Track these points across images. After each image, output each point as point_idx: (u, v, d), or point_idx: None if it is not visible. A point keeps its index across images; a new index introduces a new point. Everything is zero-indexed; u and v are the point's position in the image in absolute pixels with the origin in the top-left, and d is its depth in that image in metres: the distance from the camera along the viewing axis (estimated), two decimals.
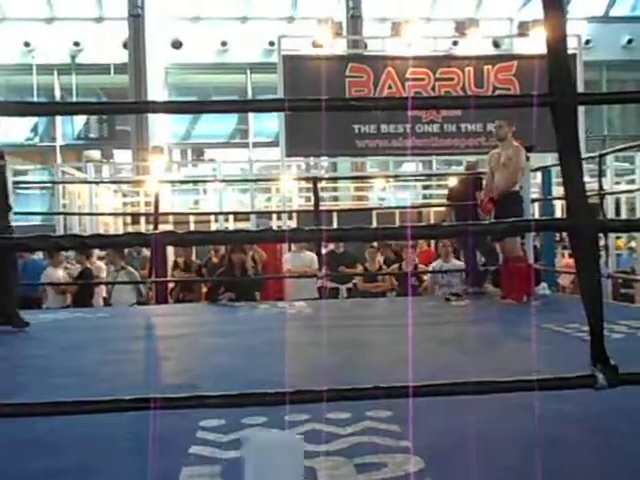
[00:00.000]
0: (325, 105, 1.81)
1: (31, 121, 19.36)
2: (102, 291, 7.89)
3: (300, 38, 12.83)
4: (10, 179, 6.10)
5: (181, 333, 4.83)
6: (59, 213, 11.63)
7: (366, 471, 1.87)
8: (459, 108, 9.17)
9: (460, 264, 7.82)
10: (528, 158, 6.21)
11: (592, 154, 6.37)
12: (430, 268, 8.02)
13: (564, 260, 9.42)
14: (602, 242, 7.64)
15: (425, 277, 8.18)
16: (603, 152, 6.43)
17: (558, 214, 9.70)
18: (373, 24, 17.47)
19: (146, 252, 8.37)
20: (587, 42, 16.68)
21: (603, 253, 7.86)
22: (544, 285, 6.53)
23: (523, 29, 11.79)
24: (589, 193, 6.36)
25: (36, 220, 14.12)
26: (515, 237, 5.78)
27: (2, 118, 16.30)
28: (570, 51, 9.08)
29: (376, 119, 10.44)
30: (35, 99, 18.54)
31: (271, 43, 16.14)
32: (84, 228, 11.88)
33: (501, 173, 5.92)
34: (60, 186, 11.89)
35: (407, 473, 1.85)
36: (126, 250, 8.72)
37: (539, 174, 7.06)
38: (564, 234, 8.07)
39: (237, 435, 2.20)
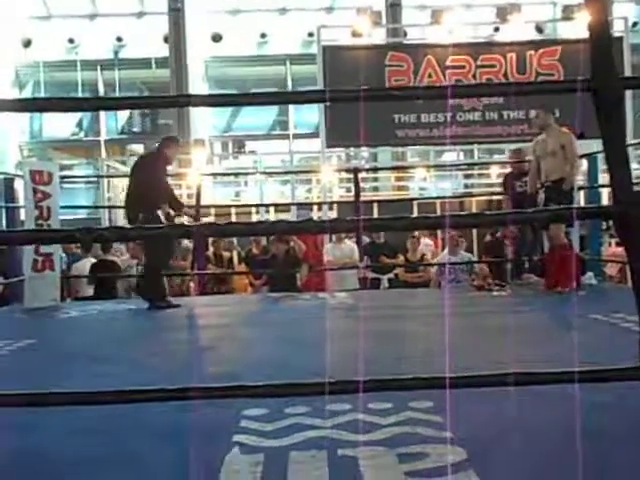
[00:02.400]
0: (365, 95, 1.80)
1: (76, 116, 19.77)
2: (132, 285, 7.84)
3: (339, 28, 12.79)
4: (57, 174, 6.26)
5: (223, 323, 4.89)
6: (104, 207, 11.87)
7: (408, 461, 1.87)
8: (498, 95, 9.02)
9: (469, 256, 7.86)
10: None
11: None
12: (435, 261, 8.10)
13: (611, 249, 9.21)
14: None
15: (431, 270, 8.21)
16: None
17: (604, 202, 9.49)
18: (412, 12, 17.33)
19: (187, 243, 8.44)
20: (634, 24, 16.22)
21: None
22: (590, 274, 6.41)
23: (567, 13, 11.53)
24: (636, 180, 6.22)
25: (82, 213, 14.44)
26: (560, 225, 5.67)
27: (50, 113, 16.68)
28: (616, 34, 8.86)
29: (416, 108, 10.34)
30: (80, 94, 18.92)
31: (310, 34, 16.14)
32: None
33: (550, 161, 5.81)
34: (105, 180, 12.13)
35: (450, 464, 1.84)
36: None
37: (585, 161, 6.91)
38: (611, 222, 7.89)
39: (279, 424, 2.22)
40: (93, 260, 8.05)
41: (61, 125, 19.99)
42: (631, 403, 2.24)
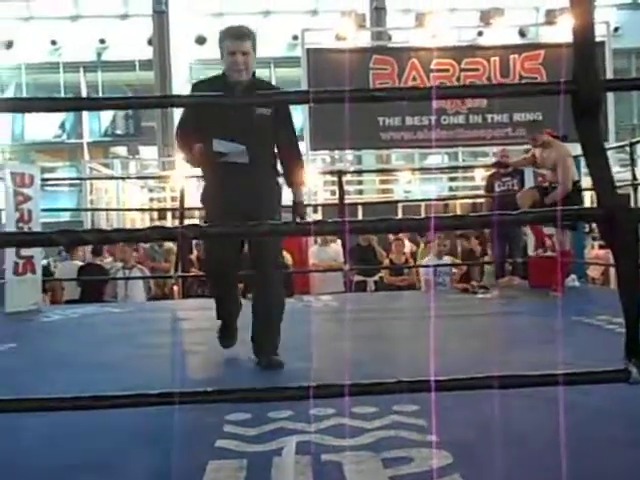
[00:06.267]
0: (348, 96, 1.79)
1: (58, 119, 19.60)
2: (116, 288, 7.79)
3: (324, 31, 12.79)
4: (38, 176, 6.19)
5: (206, 327, 4.84)
6: (86, 209, 11.77)
7: (393, 466, 1.85)
8: (482, 97, 9.05)
9: (451, 259, 7.92)
10: None
11: (622, 143, 6.24)
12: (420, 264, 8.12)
13: (594, 251, 9.28)
14: None
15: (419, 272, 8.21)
16: (634, 140, 6.30)
17: (587, 205, 9.55)
18: (397, 15, 17.37)
19: (169, 245, 8.38)
20: (616, 29, 16.34)
21: None
22: (573, 277, 6.44)
23: (550, 17, 11.64)
24: (621, 183, 6.28)
25: (64, 216, 14.31)
26: (564, 230, 5.74)
27: (32, 115, 16.55)
28: (599, 38, 8.93)
29: (401, 111, 10.37)
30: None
31: (294, 37, 16.11)
32: (111, 224, 12.00)
33: (549, 174, 5.85)
34: (87, 182, 12.03)
35: (435, 468, 1.82)
36: (148, 244, 8.75)
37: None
38: (594, 225, 7.94)
39: (263, 429, 2.20)
40: (80, 263, 8.02)
41: (43, 127, 19.81)
42: (618, 405, 2.24)
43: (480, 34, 13.71)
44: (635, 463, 1.85)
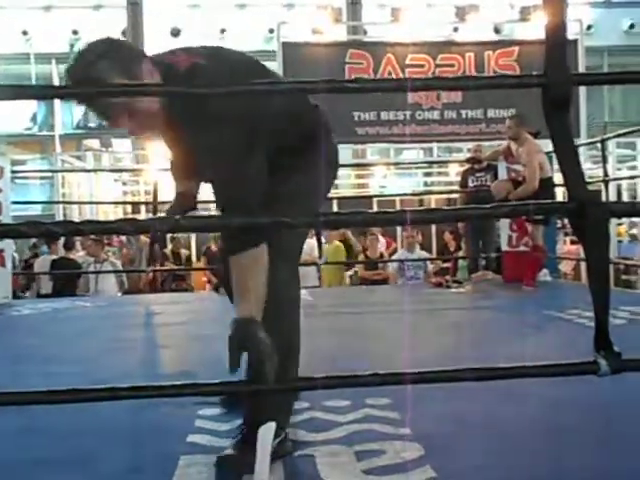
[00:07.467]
0: (322, 87, 1.78)
1: (30, 110, 19.30)
2: (88, 282, 7.75)
3: (300, 25, 12.74)
4: (8, 168, 6.10)
5: (180, 321, 4.82)
6: (58, 202, 11.61)
7: (366, 458, 1.86)
8: (456, 89, 9.08)
9: (425, 254, 7.96)
10: None
11: (593, 139, 6.31)
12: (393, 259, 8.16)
13: (565, 247, 9.41)
14: None
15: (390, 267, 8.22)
16: (605, 137, 6.38)
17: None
18: (373, 10, 17.37)
19: (145, 239, 8.32)
20: (589, 27, 16.50)
21: None
22: (545, 271, 6.52)
23: (524, 14, 11.72)
24: (593, 180, 6.36)
25: (36, 210, 14.10)
26: (537, 225, 5.82)
27: (2, 107, 16.27)
28: (571, 36, 9.02)
29: (376, 106, 10.37)
30: None
31: (270, 30, 16.04)
32: (84, 217, 11.86)
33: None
34: (60, 175, 11.86)
35: (407, 460, 1.83)
36: (124, 238, 8.68)
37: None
38: (566, 221, 8.04)
39: (235, 423, 2.19)
40: (53, 257, 7.96)
41: (14, 119, 19.48)
42: (587, 397, 2.27)
43: (455, 30, 13.76)
44: (601, 455, 1.88)
